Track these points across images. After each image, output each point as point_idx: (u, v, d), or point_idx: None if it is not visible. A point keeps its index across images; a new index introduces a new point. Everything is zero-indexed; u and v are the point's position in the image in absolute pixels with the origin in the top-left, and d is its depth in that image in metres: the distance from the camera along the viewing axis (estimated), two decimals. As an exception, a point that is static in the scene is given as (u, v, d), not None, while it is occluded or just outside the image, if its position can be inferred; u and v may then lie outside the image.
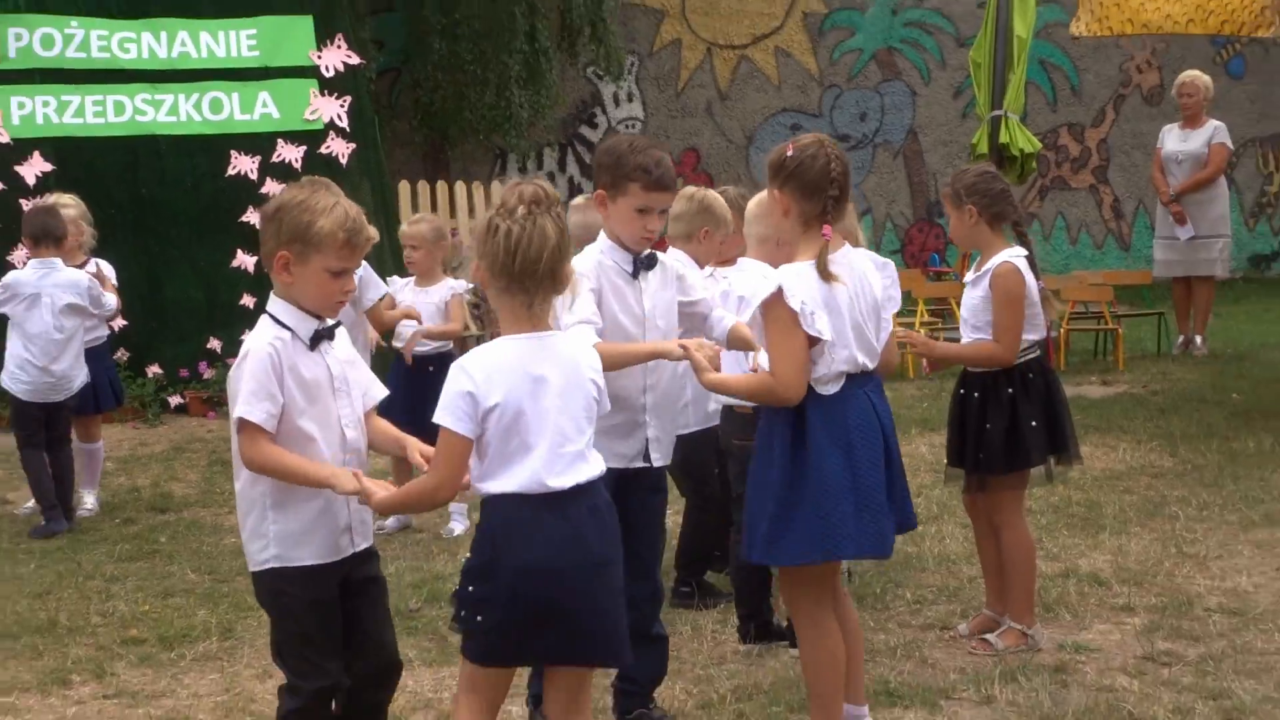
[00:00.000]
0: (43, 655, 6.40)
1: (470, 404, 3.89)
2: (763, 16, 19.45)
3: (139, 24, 13.39)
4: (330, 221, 4.11)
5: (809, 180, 4.54)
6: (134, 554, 8.17)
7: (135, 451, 11.17)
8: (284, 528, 4.22)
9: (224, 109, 13.40)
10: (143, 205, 12.77)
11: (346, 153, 13.54)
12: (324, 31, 13.73)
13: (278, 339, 4.14)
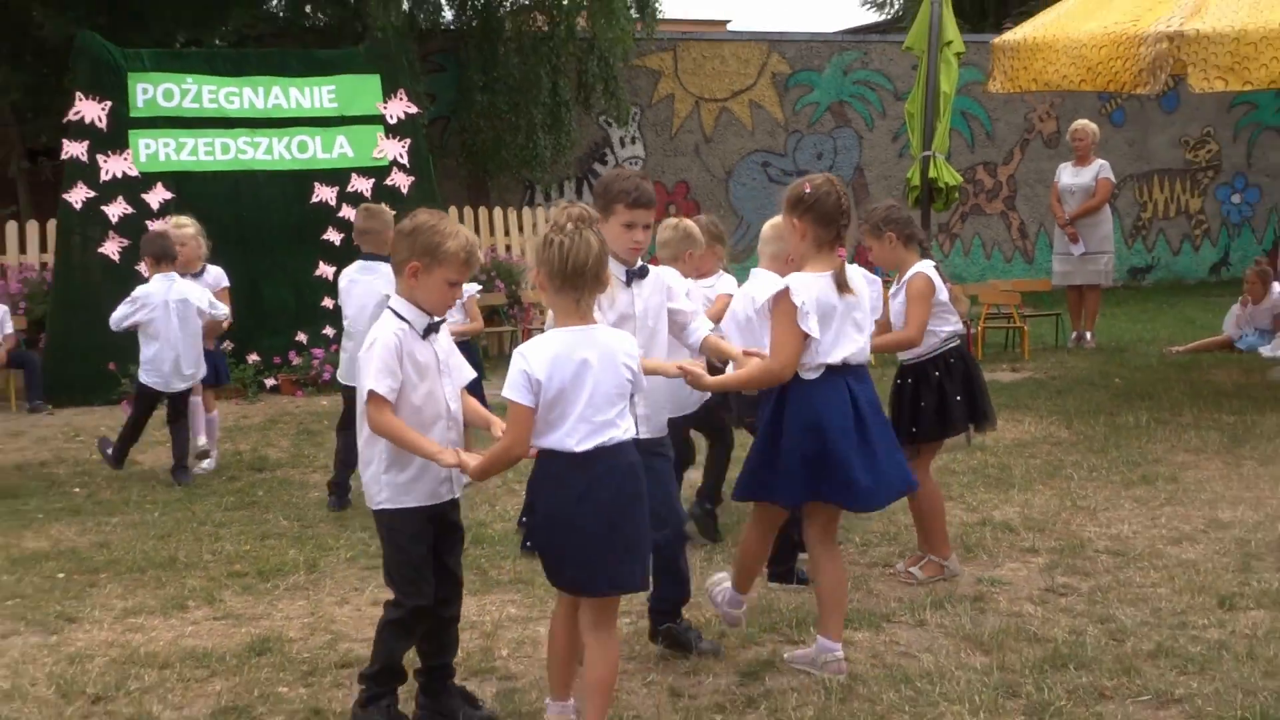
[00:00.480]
0: (165, 585, 6.47)
1: (528, 381, 4.05)
2: (739, 76, 19.47)
3: (241, 80, 13.40)
4: (455, 244, 4.36)
5: (825, 212, 4.76)
6: (237, 504, 8.24)
7: (238, 423, 11.20)
8: (394, 478, 4.43)
9: (308, 149, 13.42)
10: (244, 226, 12.78)
11: (407, 184, 13.57)
12: (389, 87, 13.76)
13: (400, 329, 4.35)
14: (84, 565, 6.86)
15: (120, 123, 12.89)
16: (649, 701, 4.80)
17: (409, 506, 4.44)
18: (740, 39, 20.31)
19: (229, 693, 4.97)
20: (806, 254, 4.87)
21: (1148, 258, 21.28)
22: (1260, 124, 21.38)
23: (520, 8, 17.69)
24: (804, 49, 20.01)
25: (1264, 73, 9.21)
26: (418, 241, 4.37)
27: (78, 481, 9.10)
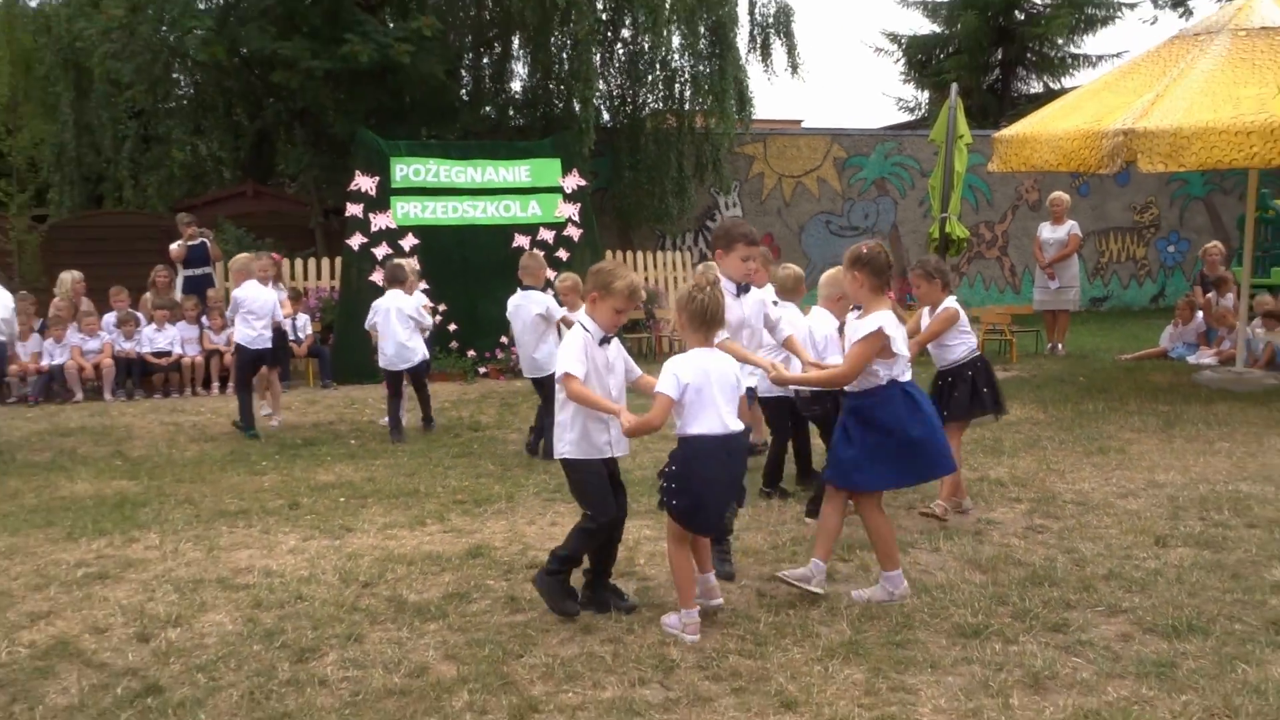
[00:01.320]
0: (411, 508, 6.56)
1: (676, 381, 4.20)
2: (809, 159, 19.23)
3: (466, 162, 13.55)
4: (622, 284, 4.48)
5: (877, 267, 4.72)
6: (460, 453, 8.33)
7: (460, 398, 11.35)
8: (574, 435, 4.50)
9: (511, 210, 13.51)
10: (466, 263, 12.94)
11: (577, 235, 13.61)
12: (566, 167, 13.80)
13: (586, 334, 4.47)
14: (357, 493, 6.99)
15: (385, 191, 13.13)
16: (742, 599, 4.78)
17: (582, 459, 4.51)
18: (811, 133, 20.07)
19: (454, 583, 5.05)
20: (866, 299, 4.75)
21: (1105, 290, 20.71)
22: (1189, 195, 20.95)
23: (656, 111, 17.69)
24: (857, 140, 19.73)
25: (1194, 159, 9.05)
26: (599, 279, 4.52)
27: (353, 435, 9.29)
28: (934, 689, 3.78)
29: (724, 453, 4.28)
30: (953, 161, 12.07)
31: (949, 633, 4.29)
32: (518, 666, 4.01)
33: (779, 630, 4.35)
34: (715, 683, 3.87)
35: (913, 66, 27.18)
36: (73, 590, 4.99)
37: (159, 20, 15.35)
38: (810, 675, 3.90)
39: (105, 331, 12.22)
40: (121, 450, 8.62)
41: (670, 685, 3.85)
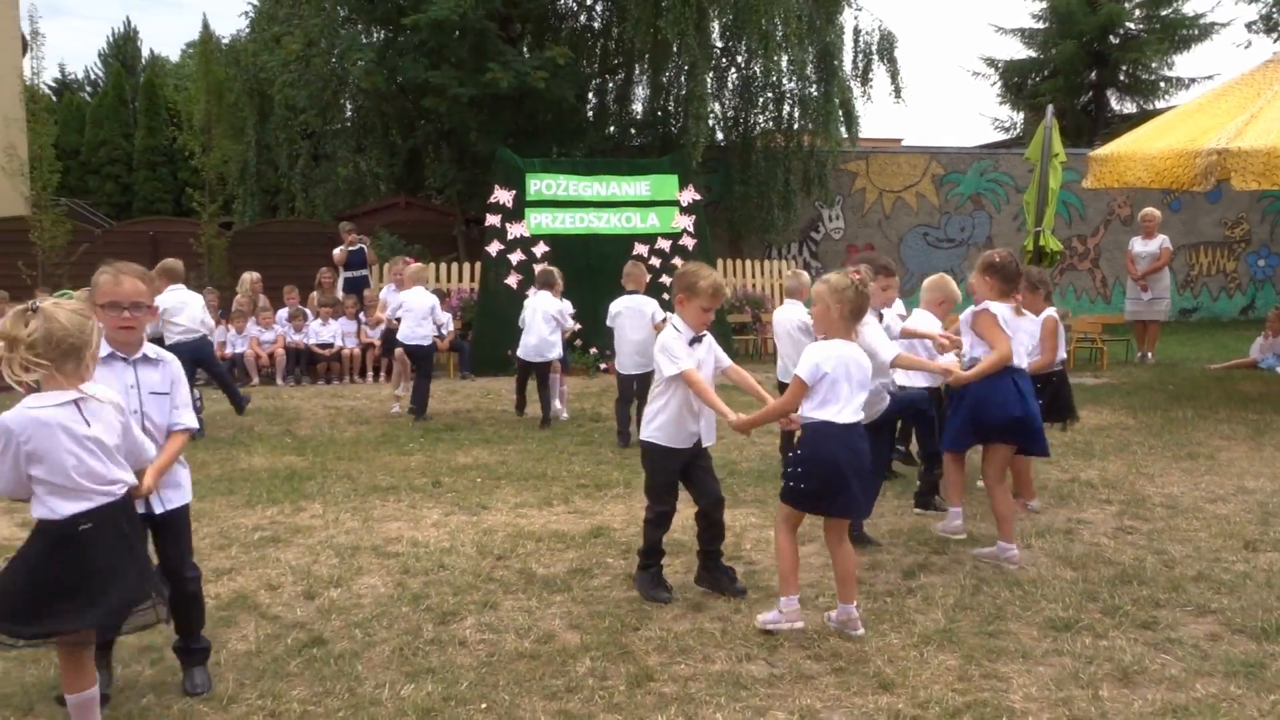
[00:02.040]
0: (539, 490, 6.62)
1: (816, 368, 3.98)
2: (909, 175, 18.80)
3: (592, 177, 13.67)
4: (705, 283, 4.32)
5: (1007, 274, 4.72)
6: (582, 441, 8.38)
7: (583, 390, 11.45)
8: (662, 421, 4.39)
9: (632, 221, 13.58)
10: (592, 269, 13.04)
11: (692, 244, 13.58)
12: (682, 182, 13.79)
13: (678, 334, 4.35)
14: (491, 474, 7.10)
15: (520, 203, 13.34)
16: (841, 585, 4.70)
17: (663, 445, 4.39)
18: (911, 151, 19.62)
19: (577, 560, 5.09)
20: (991, 298, 4.75)
21: (1194, 302, 19.65)
22: (1280, 211, 19.73)
23: (766, 130, 17.53)
24: (954, 157, 19.19)
25: (1287, 176, 8.57)
26: (683, 281, 4.39)
27: (488, 422, 9.45)
28: (1025, 678, 3.65)
29: (848, 440, 4.00)
30: (1047, 178, 11.61)
31: (1040, 625, 4.14)
32: (635, 638, 4.02)
33: (877, 616, 4.26)
34: (816, 662, 3.81)
35: (1009, 89, 26.35)
36: (250, 551, 5.21)
37: (330, 53, 15.93)
38: (906, 660, 3.81)
39: (278, 325, 12.74)
40: (291, 429, 8.97)
41: (774, 662, 3.80)
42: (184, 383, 3.52)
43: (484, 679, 3.63)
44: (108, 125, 30.47)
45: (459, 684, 3.58)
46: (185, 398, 3.50)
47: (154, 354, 3.46)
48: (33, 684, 3.58)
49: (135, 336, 3.42)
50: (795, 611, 4.09)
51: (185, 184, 20.83)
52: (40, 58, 30.69)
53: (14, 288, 13.41)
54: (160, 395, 3.40)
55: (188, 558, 3.56)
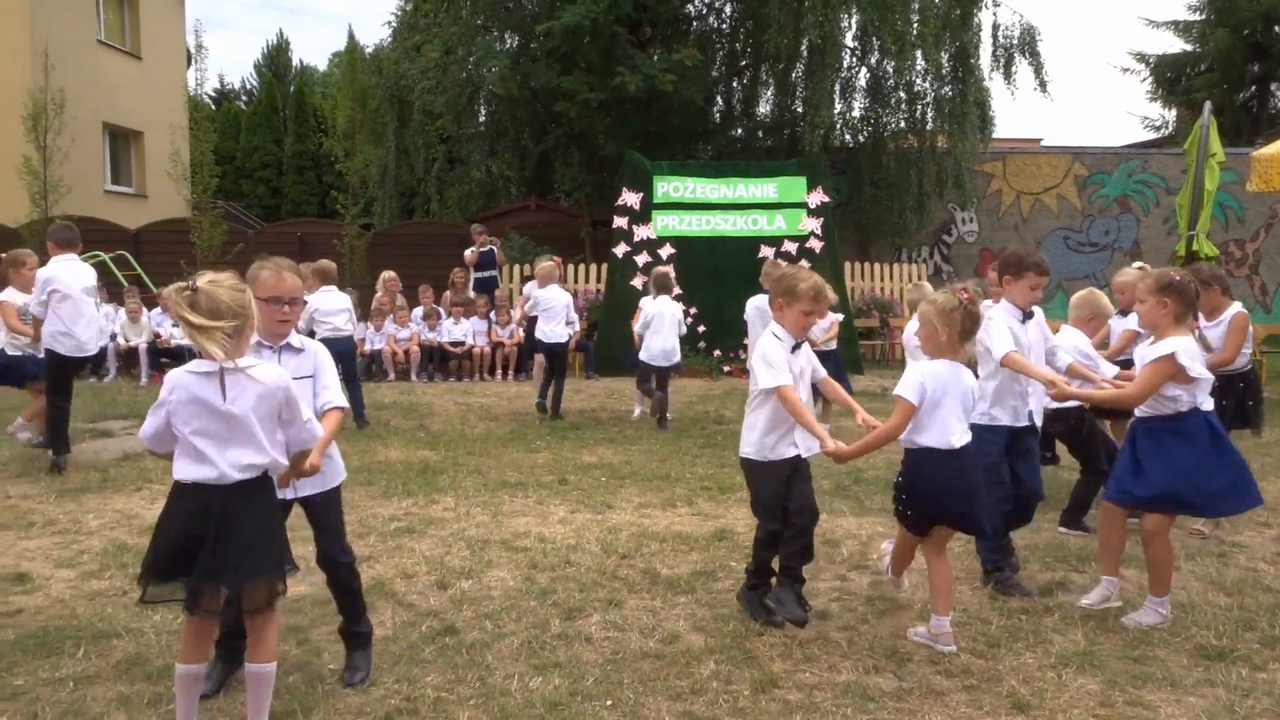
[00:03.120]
0: (662, 491, 6.65)
1: (921, 389, 3.83)
2: (1050, 177, 18.06)
3: (719, 180, 13.69)
4: (805, 286, 4.13)
5: (1187, 297, 4.15)
6: (705, 444, 8.38)
7: (705, 393, 11.46)
8: (759, 438, 4.17)
9: (758, 223, 13.54)
10: (717, 271, 13.06)
11: (819, 247, 13.44)
12: (810, 184, 13.67)
13: (779, 342, 4.14)
14: (616, 474, 7.18)
15: (647, 206, 13.46)
16: (974, 600, 4.55)
17: (761, 460, 4.16)
18: (1052, 151, 18.83)
19: (701, 562, 5.09)
20: (1165, 325, 4.16)
21: (1368, 312, 18.25)
22: None
23: (898, 131, 17.15)
24: (1099, 158, 18.33)
25: None
26: (782, 285, 4.18)
27: (612, 422, 9.56)
28: (1174, 708, 3.45)
29: (952, 466, 3.86)
30: (1203, 179, 10.97)
31: (1190, 653, 3.91)
32: (759, 643, 3.99)
33: (1011, 634, 4.11)
34: (947, 678, 3.70)
35: (1160, 85, 25.02)
36: (387, 540, 5.41)
37: (466, 60, 16.42)
38: (1043, 681, 3.66)
39: (414, 323, 13.20)
40: (424, 424, 9.28)
41: (903, 676, 3.72)
42: (329, 367, 3.64)
43: (609, 676, 3.67)
44: (260, 132, 32.17)
45: (585, 679, 3.63)
46: (329, 380, 3.61)
47: (297, 343, 3.59)
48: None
49: (289, 329, 3.58)
50: (948, 634, 3.92)
51: (330, 187, 21.74)
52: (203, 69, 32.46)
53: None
54: (303, 379, 3.54)
55: (337, 541, 3.68)
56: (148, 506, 6.09)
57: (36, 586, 4.64)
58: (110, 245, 15.20)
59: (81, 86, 18.42)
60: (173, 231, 16.42)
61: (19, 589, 4.59)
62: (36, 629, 4.08)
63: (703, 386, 11.83)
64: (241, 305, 3.00)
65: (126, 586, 4.60)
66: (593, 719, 3.34)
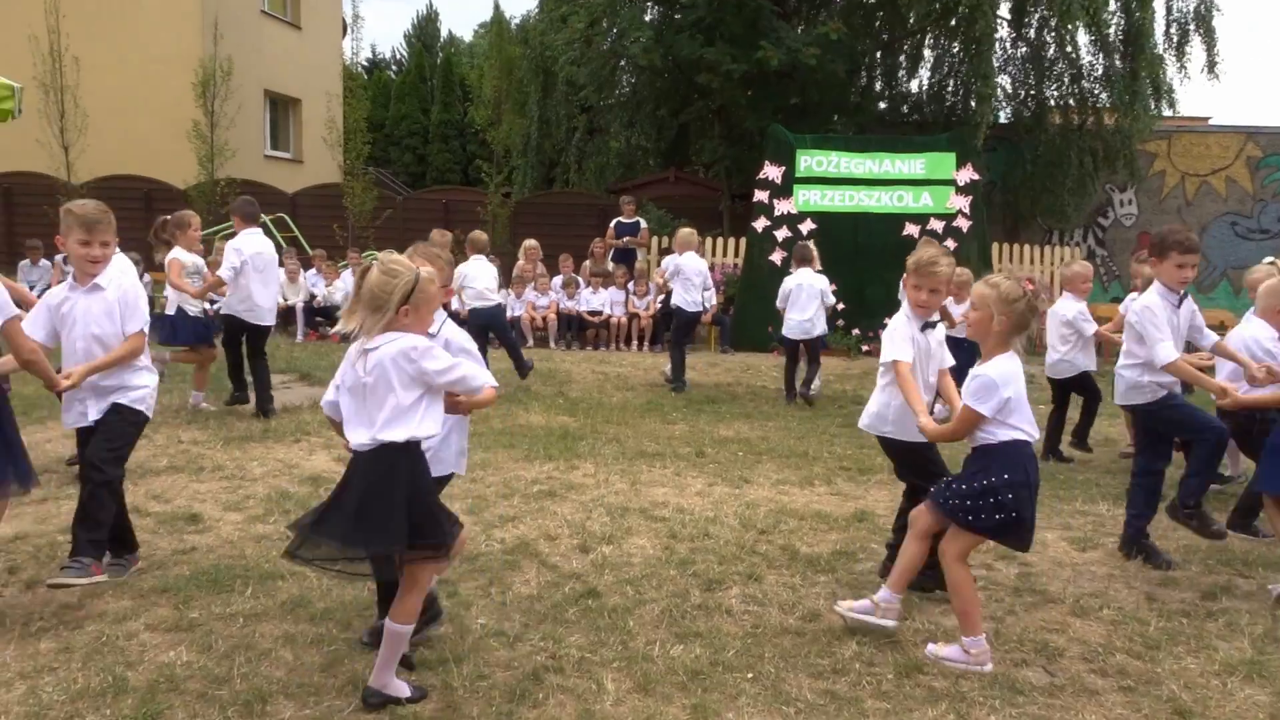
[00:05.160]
0: (800, 469, 6.61)
1: (997, 398, 3.59)
2: (1219, 158, 16.96)
3: (864, 154, 13.36)
4: (912, 259, 4.17)
5: None
6: (844, 423, 8.18)
7: (845, 372, 11.28)
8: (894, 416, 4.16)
9: (904, 200, 13.17)
10: (858, 247, 12.79)
11: (966, 226, 12.98)
12: (960, 161, 13.18)
13: (908, 320, 4.12)
14: (752, 449, 7.16)
15: (788, 180, 13.28)
16: (1130, 599, 4.36)
17: (897, 439, 4.16)
18: (1223, 130, 17.64)
19: (841, 542, 5.04)
20: None
21: None
22: None
23: (1058, 107, 16.38)
24: (1274, 138, 17.05)
25: None
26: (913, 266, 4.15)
27: (748, 397, 9.53)
28: (1357, 728, 3.24)
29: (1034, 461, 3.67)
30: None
31: (1376, 671, 3.64)
32: (903, 628, 3.93)
33: (1171, 637, 3.92)
34: (1101, 677, 3.57)
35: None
36: (530, 502, 5.56)
37: (609, 32, 16.52)
38: (1206, 688, 3.48)
39: (553, 291, 13.45)
40: (563, 391, 9.47)
41: (1054, 671, 3.60)
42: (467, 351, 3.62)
43: (750, 649, 3.69)
44: (408, 101, 33.24)
45: (726, 651, 3.66)
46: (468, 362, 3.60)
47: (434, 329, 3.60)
48: (351, 601, 4.02)
49: None
50: (985, 652, 3.59)
51: (474, 156, 22.36)
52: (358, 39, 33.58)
53: (329, 247, 14.98)
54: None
55: None
56: (306, 457, 6.44)
57: (207, 527, 4.96)
58: (269, 209, 16.00)
59: (246, 55, 19.41)
60: (326, 196, 17.19)
61: (192, 529, 4.93)
62: (209, 566, 4.37)
63: (841, 365, 11.65)
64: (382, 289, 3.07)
65: (289, 532, 4.88)
66: (733, 690, 3.36)
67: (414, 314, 3.13)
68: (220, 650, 3.53)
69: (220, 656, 3.47)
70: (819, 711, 3.24)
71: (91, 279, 4.04)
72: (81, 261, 4.04)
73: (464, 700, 3.21)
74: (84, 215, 4.01)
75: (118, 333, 4.03)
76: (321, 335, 12.89)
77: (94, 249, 3.99)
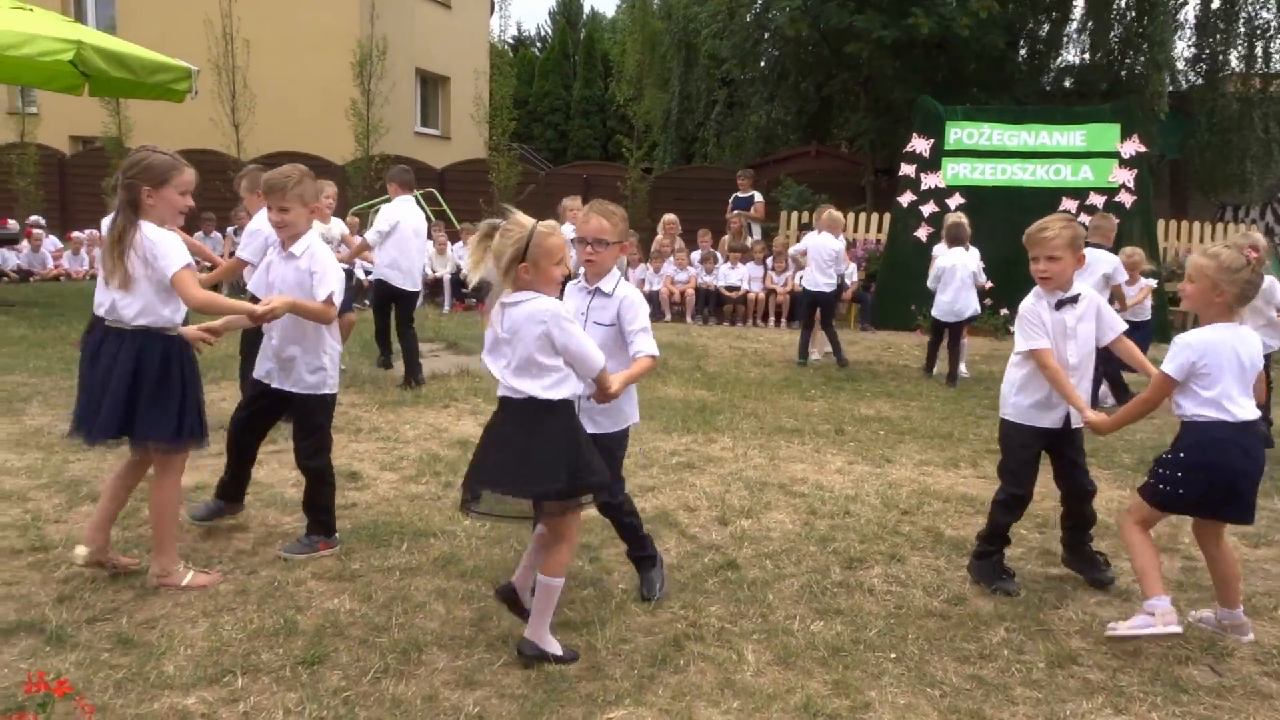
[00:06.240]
0: (944, 450, 6.42)
1: (1186, 364, 3.44)
2: None
3: (1020, 126, 12.80)
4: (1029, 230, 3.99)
5: None
6: (990, 406, 7.59)
7: (991, 354, 10.91)
8: (1020, 395, 4.01)
9: (1061, 174, 12.57)
10: (1010, 224, 12.08)
11: (1129, 201, 12.29)
12: (1126, 132, 12.47)
13: (1035, 297, 3.97)
14: (894, 429, 7.03)
15: (937, 153, 12.87)
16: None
17: (1022, 423, 3.98)
18: None
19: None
20: None
21: None
22: None
23: (1237, 74, 15.26)
24: None
25: None
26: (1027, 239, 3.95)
27: (889, 376, 9.34)
28: None
29: (1242, 441, 3.42)
30: None
31: None
32: (1054, 616, 3.79)
33: (1355, 641, 3.65)
34: (1276, 680, 3.35)
35: None
36: (669, 474, 5.62)
37: (753, 4, 16.32)
38: (1398, 700, 3.23)
39: (691, 266, 13.46)
40: (700, 365, 9.49)
41: (1222, 671, 3.41)
42: (639, 315, 3.73)
43: (892, 629, 3.63)
44: (551, 77, 33.76)
45: (867, 630, 3.62)
46: (640, 327, 3.68)
47: (609, 288, 3.72)
48: (499, 560, 4.17)
49: (594, 269, 3.72)
50: (1170, 612, 3.43)
51: (613, 131, 22.54)
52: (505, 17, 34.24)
53: (476, 220, 15.37)
54: (603, 326, 3.68)
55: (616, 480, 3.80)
56: (454, 422, 6.68)
57: (366, 485, 5.22)
58: (419, 183, 16.54)
59: (399, 34, 20.09)
60: (472, 171, 17.65)
61: (352, 485, 5.19)
62: (368, 522, 4.60)
63: (987, 346, 11.26)
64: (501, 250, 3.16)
65: (440, 492, 5.09)
66: (876, 669, 3.32)
67: (534, 270, 3.17)
68: (379, 600, 3.72)
69: (379, 606, 3.66)
70: (965, 696, 3.17)
71: (287, 245, 4.20)
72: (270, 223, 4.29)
73: (607, 662, 3.29)
74: (265, 179, 4.24)
75: (310, 300, 4.13)
76: (468, 306, 13.31)
77: (273, 213, 4.20)
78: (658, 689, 3.12)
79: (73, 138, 21.03)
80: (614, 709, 2.99)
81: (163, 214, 3.64)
